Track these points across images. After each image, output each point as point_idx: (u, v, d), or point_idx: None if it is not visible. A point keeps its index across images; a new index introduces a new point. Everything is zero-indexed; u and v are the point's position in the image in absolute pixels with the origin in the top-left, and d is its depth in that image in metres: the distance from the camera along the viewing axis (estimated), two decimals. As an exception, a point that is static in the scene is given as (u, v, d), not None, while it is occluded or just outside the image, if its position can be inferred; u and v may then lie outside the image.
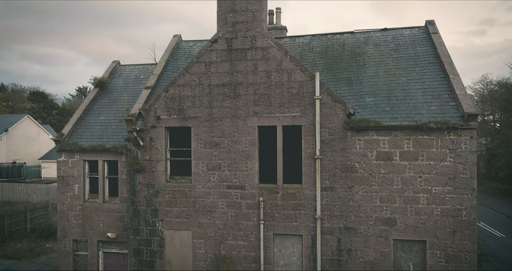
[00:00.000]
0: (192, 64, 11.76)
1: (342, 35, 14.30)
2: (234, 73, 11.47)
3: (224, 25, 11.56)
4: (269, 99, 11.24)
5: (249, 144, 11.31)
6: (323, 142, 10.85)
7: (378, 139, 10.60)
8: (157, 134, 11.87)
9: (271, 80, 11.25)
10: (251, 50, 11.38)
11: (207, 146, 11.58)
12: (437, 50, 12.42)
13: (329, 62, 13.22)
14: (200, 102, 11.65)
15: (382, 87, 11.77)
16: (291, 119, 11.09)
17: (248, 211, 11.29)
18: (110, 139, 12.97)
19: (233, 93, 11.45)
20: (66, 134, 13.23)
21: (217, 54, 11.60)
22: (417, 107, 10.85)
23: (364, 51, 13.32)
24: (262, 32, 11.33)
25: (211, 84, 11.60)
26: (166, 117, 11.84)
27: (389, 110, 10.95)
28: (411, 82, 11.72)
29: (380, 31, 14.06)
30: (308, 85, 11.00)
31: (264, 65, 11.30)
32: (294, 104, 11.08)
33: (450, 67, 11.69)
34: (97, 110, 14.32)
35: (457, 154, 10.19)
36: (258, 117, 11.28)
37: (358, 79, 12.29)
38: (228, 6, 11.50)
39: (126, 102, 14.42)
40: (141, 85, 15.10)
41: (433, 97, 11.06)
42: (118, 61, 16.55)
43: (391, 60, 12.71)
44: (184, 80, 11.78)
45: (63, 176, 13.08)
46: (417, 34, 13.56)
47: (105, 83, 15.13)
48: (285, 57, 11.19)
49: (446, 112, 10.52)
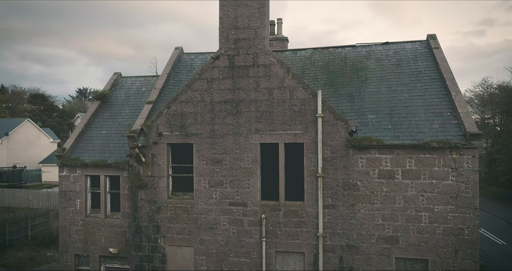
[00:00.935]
0: (194, 80, 11.76)
1: (344, 49, 14.31)
2: (236, 90, 11.47)
3: (226, 42, 11.56)
4: (271, 117, 11.25)
5: (251, 161, 11.32)
6: (325, 160, 10.86)
7: (380, 157, 10.61)
8: (159, 150, 11.87)
9: (273, 97, 11.26)
10: (253, 67, 11.39)
11: (209, 163, 11.58)
12: (439, 66, 12.42)
13: (331, 77, 13.23)
14: (202, 119, 11.65)
15: (384, 104, 11.77)
16: (293, 136, 11.09)
17: (250, 228, 11.30)
18: (112, 153, 12.97)
19: (235, 110, 11.46)
20: (68, 149, 13.23)
21: (219, 71, 11.60)
22: (419, 125, 10.86)
23: (366, 66, 13.32)
24: (264, 50, 11.33)
25: (213, 101, 11.61)
26: (168, 133, 11.84)
27: (391, 128, 10.96)
28: (413, 99, 11.72)
29: (382, 45, 14.06)
30: (310, 103, 11.00)
31: (266, 83, 11.31)
32: (296, 122, 11.09)
33: (452, 83, 11.70)
34: (98, 124, 14.32)
35: (459, 173, 10.20)
36: (260, 134, 11.28)
37: (360, 95, 12.29)
38: (230, 23, 11.51)
39: (128, 116, 14.41)
40: (142, 98, 15.10)
41: (435, 115, 11.07)
42: (120, 73, 16.55)
43: (393, 75, 12.72)
44: (186, 97, 11.78)
45: (65, 191, 13.09)
46: (419, 48, 13.56)
47: (106, 96, 15.13)
48: (287, 74, 11.19)
49: (448, 131, 10.53)
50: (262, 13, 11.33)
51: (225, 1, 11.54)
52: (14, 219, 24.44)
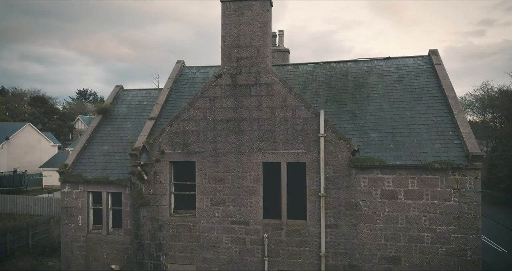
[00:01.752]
0: (196, 99, 11.77)
1: (346, 64, 14.32)
2: (239, 108, 11.48)
3: (228, 61, 11.56)
4: (273, 136, 11.25)
5: (254, 179, 11.32)
6: (327, 179, 10.86)
7: (383, 177, 10.61)
8: (161, 168, 11.88)
9: (275, 116, 11.26)
10: (256, 86, 11.39)
11: (211, 181, 11.59)
12: (441, 83, 12.43)
13: (333, 93, 13.23)
14: (205, 137, 11.66)
15: (386, 122, 11.78)
16: (296, 156, 11.10)
17: (253, 247, 11.30)
18: (114, 170, 12.97)
19: (237, 129, 11.46)
20: (70, 165, 13.24)
21: (222, 90, 11.61)
22: (422, 145, 10.86)
23: (368, 82, 13.32)
24: (267, 68, 11.34)
25: (215, 120, 11.61)
26: (170, 151, 11.85)
27: (393, 148, 10.96)
28: (415, 117, 11.73)
29: (384, 60, 14.07)
30: (312, 122, 11.01)
31: (268, 101, 11.31)
32: (298, 141, 11.10)
33: (454, 102, 11.71)
34: (100, 138, 14.32)
35: (461, 193, 10.21)
36: (263, 153, 11.29)
37: (362, 112, 12.30)
38: (232, 41, 11.51)
39: (130, 130, 14.43)
40: (144, 112, 15.11)
41: (437, 134, 11.08)
42: (121, 86, 16.56)
43: (395, 92, 12.72)
44: (188, 115, 11.79)
45: (67, 207, 13.09)
46: (421, 64, 13.57)
47: (108, 110, 15.14)
48: (290, 93, 11.20)
49: (450, 151, 10.54)
50: (264, 32, 11.33)
51: (227, 20, 11.54)
52: (15, 227, 24.42)
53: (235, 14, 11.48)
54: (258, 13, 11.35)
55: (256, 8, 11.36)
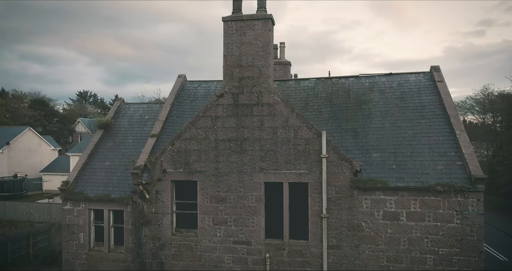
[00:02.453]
0: (198, 118, 11.75)
1: (347, 80, 14.30)
2: (241, 128, 11.46)
3: (230, 80, 11.55)
4: (275, 156, 11.24)
5: (255, 199, 11.31)
6: (329, 200, 10.85)
7: (385, 198, 10.60)
8: (163, 187, 11.87)
9: (277, 136, 11.25)
10: (258, 106, 11.38)
11: (213, 201, 11.58)
12: (443, 101, 12.41)
13: (335, 110, 13.21)
14: (206, 157, 11.65)
15: (388, 141, 11.76)
16: (298, 176, 11.09)
17: (254, 267, 11.29)
18: (116, 187, 12.96)
19: (239, 149, 11.45)
20: (71, 182, 13.23)
21: (223, 109, 11.60)
22: (424, 166, 10.85)
23: (370, 98, 13.31)
24: (269, 88, 11.32)
25: (217, 139, 11.60)
26: (172, 170, 11.83)
27: (395, 169, 10.95)
28: (417, 137, 11.71)
29: (385, 76, 14.05)
30: (314, 143, 11.00)
31: (270, 121, 11.30)
32: (300, 161, 11.08)
33: (456, 121, 11.69)
34: (102, 154, 14.31)
35: (464, 216, 10.19)
36: (265, 173, 11.27)
37: (363, 131, 12.28)
38: (234, 61, 11.50)
39: (131, 146, 14.42)
40: (145, 127, 15.10)
41: (440, 155, 11.06)
42: (123, 99, 16.55)
43: (397, 110, 12.71)
44: (190, 134, 11.77)
45: (69, 224, 13.08)
46: (422, 80, 13.56)
47: (109, 125, 15.12)
48: (292, 113, 11.19)
49: (453, 173, 10.52)
50: (266, 51, 11.32)
51: (229, 39, 11.53)
52: (16, 236, 24.39)
53: (237, 34, 11.46)
54: (260, 33, 11.33)
55: (258, 28, 11.34)
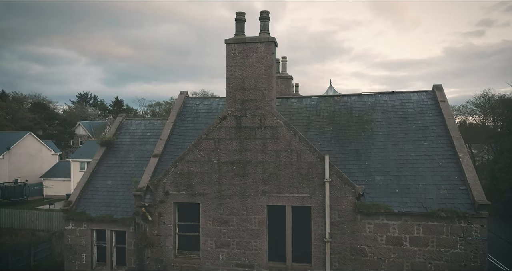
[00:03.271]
0: (201, 140, 11.74)
1: (350, 98, 14.28)
2: (243, 151, 11.45)
3: (233, 103, 11.54)
4: (278, 179, 11.23)
5: (258, 222, 11.30)
6: (332, 224, 10.84)
7: (388, 223, 10.59)
8: (166, 209, 11.86)
9: (280, 159, 11.24)
10: (260, 129, 11.37)
11: (216, 223, 11.57)
12: (446, 122, 12.40)
13: (337, 130, 13.20)
14: (209, 179, 11.64)
15: (391, 164, 11.75)
16: (301, 200, 11.07)
17: (257, 290, 11.28)
18: (118, 207, 12.94)
19: (242, 171, 11.44)
20: (74, 202, 13.21)
21: (226, 132, 11.58)
22: (427, 190, 10.84)
23: (372, 118, 13.29)
24: (272, 111, 11.31)
25: (220, 162, 11.59)
26: (174, 192, 11.82)
27: (398, 193, 10.94)
28: (419, 159, 11.70)
29: (388, 95, 14.04)
30: (317, 167, 10.98)
31: (273, 145, 11.29)
32: (303, 185, 11.07)
33: (459, 143, 11.68)
34: (104, 172, 14.29)
35: (467, 241, 10.18)
36: (267, 196, 11.26)
37: (366, 152, 12.27)
38: (237, 83, 11.49)
39: (133, 164, 14.40)
40: (147, 144, 15.08)
41: (443, 179, 11.05)
42: (124, 115, 16.54)
43: (400, 130, 12.69)
44: (193, 156, 11.76)
45: (71, 244, 13.06)
46: (425, 100, 13.54)
47: (111, 142, 15.11)
48: (295, 137, 11.17)
49: (456, 198, 10.51)
50: (269, 74, 11.31)
51: (231, 62, 11.52)
52: (17, 247, 24.42)
53: (239, 56, 11.45)
54: (263, 55, 11.32)
55: (261, 51, 11.33)
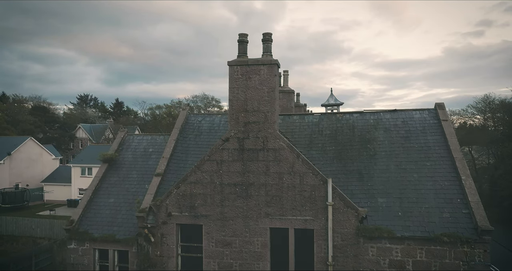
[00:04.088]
0: (203, 162, 11.75)
1: (352, 116, 14.28)
2: (246, 173, 11.46)
3: (236, 125, 11.54)
4: (281, 201, 11.23)
5: (261, 245, 11.30)
6: (335, 247, 10.84)
7: (391, 247, 10.60)
8: (168, 230, 11.86)
9: (283, 182, 11.25)
10: (263, 151, 11.37)
11: (218, 245, 11.57)
12: (448, 142, 12.40)
13: (339, 149, 13.20)
14: (212, 201, 11.64)
15: (394, 185, 11.75)
16: (303, 222, 11.08)
17: (260, 312, 11.28)
18: (121, 227, 12.95)
19: (244, 193, 11.45)
20: (76, 221, 13.22)
21: (229, 153, 11.59)
22: (430, 214, 10.84)
23: (374, 137, 13.29)
24: (274, 134, 11.32)
25: (222, 183, 11.59)
26: (177, 214, 11.83)
27: (401, 216, 10.94)
28: (422, 180, 11.71)
29: (390, 113, 14.04)
30: (320, 190, 10.99)
31: (276, 167, 11.29)
32: (306, 208, 11.08)
33: (461, 165, 11.68)
34: (106, 190, 14.30)
35: (470, 266, 10.19)
36: (270, 219, 11.27)
37: (369, 173, 12.27)
38: (239, 105, 11.49)
39: (136, 181, 14.41)
40: (150, 160, 15.09)
41: (445, 201, 11.06)
42: (126, 130, 16.54)
43: (402, 150, 12.69)
44: (196, 178, 11.77)
45: (73, 264, 13.07)
46: (427, 118, 13.54)
47: (113, 159, 15.11)
48: (297, 159, 11.18)
49: (459, 222, 10.52)
50: (272, 97, 11.31)
51: (234, 83, 11.52)
52: (19, 258, 24.38)
53: (242, 78, 11.46)
54: (265, 78, 11.33)
55: (263, 73, 11.34)
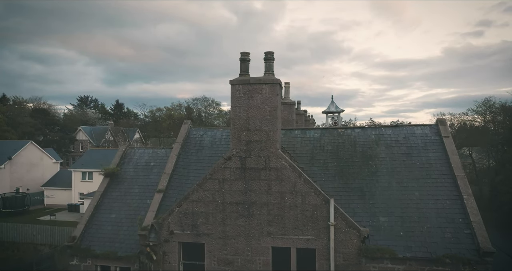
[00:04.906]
0: (205, 180, 11.77)
1: (353, 131, 14.31)
2: (248, 192, 11.48)
3: (238, 143, 11.56)
4: (283, 221, 11.25)
5: (263, 264, 11.32)
6: (337, 267, 10.86)
7: (393, 267, 10.62)
8: (170, 248, 11.88)
9: (285, 201, 11.26)
10: (265, 170, 11.39)
11: (220, 263, 11.59)
12: (450, 160, 12.42)
13: (341, 166, 13.21)
14: (214, 219, 11.66)
15: (396, 204, 11.77)
16: (305, 242, 11.10)
17: None
18: (122, 243, 12.97)
19: (246, 212, 11.46)
20: (78, 237, 13.24)
21: (231, 172, 11.61)
22: (432, 234, 10.86)
23: (376, 153, 13.30)
24: (276, 153, 11.33)
25: (224, 202, 11.61)
26: (179, 232, 11.85)
27: (403, 236, 10.97)
28: (424, 199, 11.72)
29: (391, 128, 14.06)
30: (322, 209, 11.01)
31: (278, 186, 11.31)
32: (308, 227, 11.10)
33: (463, 184, 11.70)
34: (108, 205, 14.32)
35: (472, 287, 10.21)
36: (272, 238, 11.29)
37: (370, 190, 12.29)
38: (241, 124, 11.51)
39: (137, 196, 14.43)
40: (151, 174, 15.10)
41: (447, 221, 11.08)
42: (128, 144, 16.56)
43: (403, 167, 12.71)
44: (198, 196, 11.79)
45: (75, 280, 13.10)
46: (429, 134, 13.56)
47: (115, 173, 15.14)
48: (299, 179, 11.20)
49: (461, 242, 10.54)
50: (273, 116, 11.33)
51: (236, 102, 11.54)
52: (20, 267, 24.47)
53: (244, 97, 11.48)
54: (267, 97, 11.35)
55: (265, 92, 11.36)
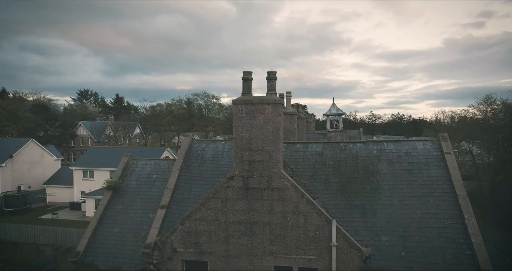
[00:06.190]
0: (208, 199, 11.83)
1: (355, 145, 14.34)
2: (251, 211, 11.55)
3: (240, 163, 11.60)
4: (285, 240, 11.34)
5: (265, 282, 11.44)
6: (339, 287, 10.98)
7: (394, 288, 10.74)
8: (174, 266, 11.99)
9: (287, 221, 11.34)
10: (268, 190, 11.45)
11: (223, 281, 11.72)
12: (451, 177, 12.47)
13: (343, 182, 13.27)
14: (217, 238, 11.75)
15: (397, 222, 11.85)
16: (307, 261, 11.20)
17: None
18: (126, 259, 13.10)
19: (249, 231, 11.55)
20: (82, 252, 13.36)
21: (233, 192, 11.66)
22: (433, 254, 10.96)
23: (378, 169, 13.35)
24: (279, 173, 11.38)
25: (227, 221, 11.69)
26: (182, 250, 11.95)
27: (404, 256, 11.07)
28: (425, 218, 11.80)
29: (393, 143, 14.09)
30: (324, 230, 11.09)
31: (280, 206, 11.38)
32: (310, 247, 11.19)
33: (464, 203, 11.76)
34: (111, 218, 14.41)
35: (472, 309, 10.34)
36: (274, 257, 11.39)
37: (372, 208, 12.37)
38: (244, 144, 11.53)
39: (140, 210, 14.52)
40: (154, 187, 15.18)
41: (448, 241, 11.17)
42: (130, 155, 16.60)
43: (405, 184, 12.77)
44: (201, 215, 11.86)
45: (79, 295, 13.25)
46: (430, 150, 13.59)
47: (117, 186, 15.20)
48: (302, 199, 11.26)
49: (462, 264, 10.65)
50: (276, 136, 11.35)
51: (239, 122, 11.54)
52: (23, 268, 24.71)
53: (247, 117, 11.48)
54: (270, 117, 11.35)
55: (268, 112, 11.36)
